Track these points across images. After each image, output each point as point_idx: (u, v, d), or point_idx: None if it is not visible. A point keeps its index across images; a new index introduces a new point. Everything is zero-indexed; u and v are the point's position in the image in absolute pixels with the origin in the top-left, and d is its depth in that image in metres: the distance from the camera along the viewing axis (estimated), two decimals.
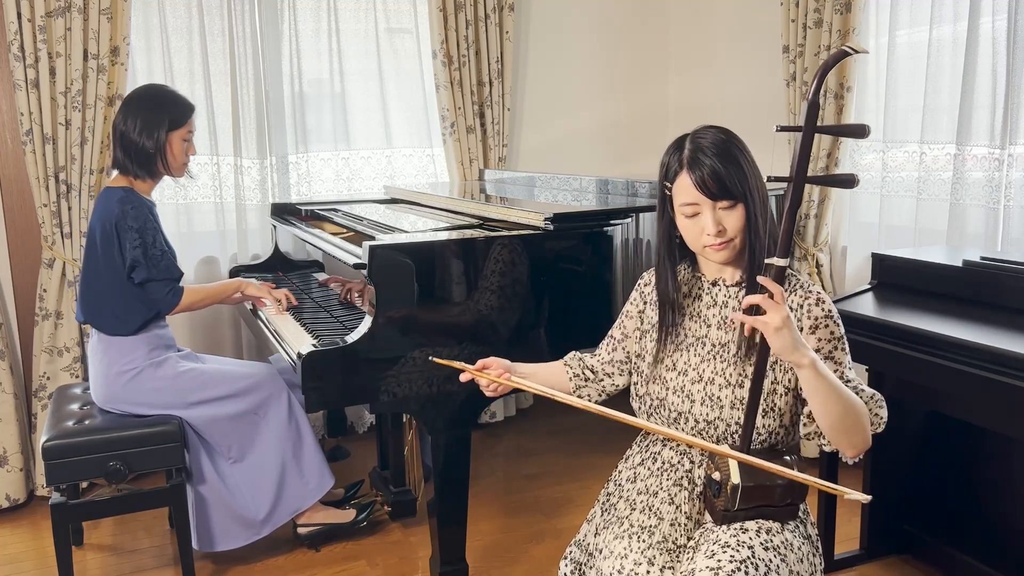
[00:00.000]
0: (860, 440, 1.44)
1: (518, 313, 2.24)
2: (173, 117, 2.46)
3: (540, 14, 3.87)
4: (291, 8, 3.41)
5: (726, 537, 1.41)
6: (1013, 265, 2.10)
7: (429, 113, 3.68)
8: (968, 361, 1.90)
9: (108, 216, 2.41)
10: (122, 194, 2.42)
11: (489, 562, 2.61)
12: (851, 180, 1.34)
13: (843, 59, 1.31)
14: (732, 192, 1.45)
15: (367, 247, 2.09)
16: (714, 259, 1.52)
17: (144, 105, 2.44)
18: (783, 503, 1.44)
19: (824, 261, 3.16)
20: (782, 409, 1.50)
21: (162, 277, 2.44)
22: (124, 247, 2.40)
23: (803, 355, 1.33)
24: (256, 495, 2.53)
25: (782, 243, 1.35)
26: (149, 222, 2.42)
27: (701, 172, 1.46)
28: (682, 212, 1.51)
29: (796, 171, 1.32)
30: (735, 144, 1.49)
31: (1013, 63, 2.50)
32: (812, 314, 1.48)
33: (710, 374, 1.52)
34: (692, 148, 1.49)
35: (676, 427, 1.55)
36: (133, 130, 2.42)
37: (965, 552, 2.34)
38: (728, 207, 1.47)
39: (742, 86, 3.68)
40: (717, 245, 1.48)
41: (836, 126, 1.42)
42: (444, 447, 2.21)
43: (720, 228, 1.47)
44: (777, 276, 1.35)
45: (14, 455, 3.02)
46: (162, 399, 2.46)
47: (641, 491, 1.57)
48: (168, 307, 2.47)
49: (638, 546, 1.46)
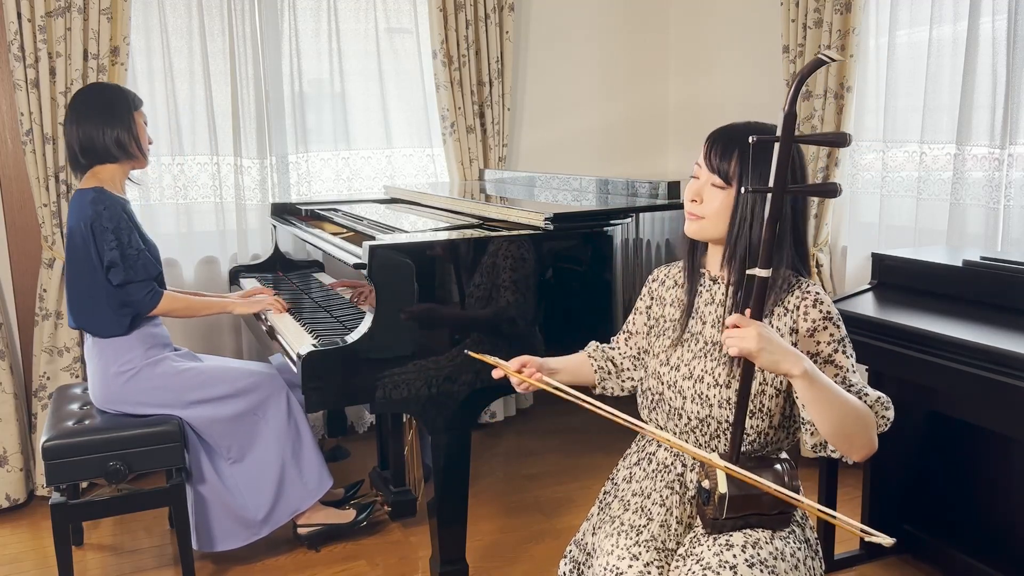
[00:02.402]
0: (864, 444, 1.40)
1: (518, 313, 2.24)
2: (129, 100, 2.47)
3: (540, 14, 3.87)
4: (291, 8, 3.41)
5: (709, 556, 1.38)
6: (1013, 265, 2.10)
7: (429, 113, 3.68)
8: (968, 361, 1.90)
9: (83, 218, 2.38)
10: (93, 195, 2.40)
11: (489, 562, 2.61)
12: (833, 190, 1.28)
13: (819, 68, 1.28)
14: (725, 173, 1.45)
15: (367, 247, 2.09)
16: (686, 230, 1.53)
17: (97, 104, 2.43)
18: (773, 512, 1.41)
19: (824, 261, 3.16)
20: (772, 410, 1.47)
21: (139, 278, 2.41)
22: (101, 248, 2.38)
23: (792, 365, 1.28)
24: (256, 495, 2.53)
25: (763, 253, 1.30)
26: (123, 221, 2.40)
27: (719, 139, 1.46)
28: (691, 173, 1.52)
29: (775, 182, 1.28)
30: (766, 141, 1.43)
31: (1013, 63, 2.50)
32: (809, 316, 1.44)
33: (700, 372, 1.51)
34: (738, 123, 1.49)
35: (673, 422, 1.54)
36: (98, 129, 2.40)
37: (965, 552, 2.34)
38: (718, 186, 1.46)
39: (742, 86, 3.68)
40: (690, 214, 1.50)
41: (815, 135, 1.39)
42: (444, 447, 2.21)
43: (697, 197, 1.48)
44: (759, 287, 1.31)
45: (14, 455, 3.02)
46: (161, 399, 2.46)
47: (636, 492, 1.57)
48: (147, 309, 2.46)
49: (625, 542, 1.47)
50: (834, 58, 1.25)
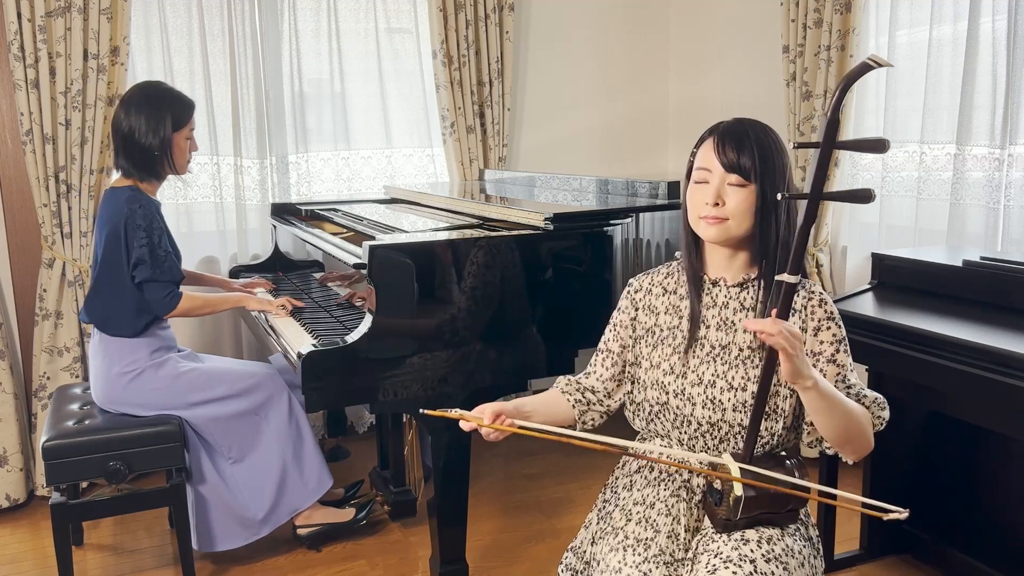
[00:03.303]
0: (862, 446, 1.44)
1: (518, 312, 2.24)
2: (176, 116, 2.44)
3: (540, 14, 3.87)
4: (291, 8, 3.41)
5: (727, 550, 1.38)
6: (1013, 265, 2.10)
7: (429, 113, 3.68)
8: (968, 361, 1.89)
9: (117, 216, 2.39)
10: (130, 193, 2.42)
11: (489, 562, 2.61)
12: (868, 195, 1.28)
13: (865, 72, 1.26)
14: (746, 170, 1.41)
15: (367, 247, 2.09)
16: (705, 235, 1.46)
17: (146, 105, 2.42)
18: (783, 510, 1.43)
19: (824, 261, 3.16)
20: (786, 411, 1.46)
21: (163, 279, 2.42)
22: (131, 245, 2.39)
23: (807, 378, 1.31)
24: (256, 495, 2.53)
25: (794, 259, 1.29)
26: (156, 222, 2.42)
27: (725, 139, 1.42)
28: (694, 179, 1.46)
29: (812, 188, 1.28)
30: (774, 139, 1.45)
31: (1013, 63, 2.50)
32: (815, 315, 1.46)
33: (710, 376, 1.48)
34: (730, 121, 1.47)
35: (679, 431, 1.52)
36: (138, 132, 2.40)
37: (965, 552, 2.34)
38: (737, 184, 1.41)
39: (742, 86, 3.68)
40: (711, 218, 1.42)
41: (855, 141, 1.37)
42: (444, 447, 2.20)
43: (719, 200, 1.42)
44: (787, 293, 1.31)
45: (14, 455, 3.02)
46: (163, 400, 2.46)
47: (637, 501, 1.53)
48: (164, 310, 2.46)
49: (633, 559, 1.43)
50: (881, 63, 1.23)
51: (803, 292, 1.48)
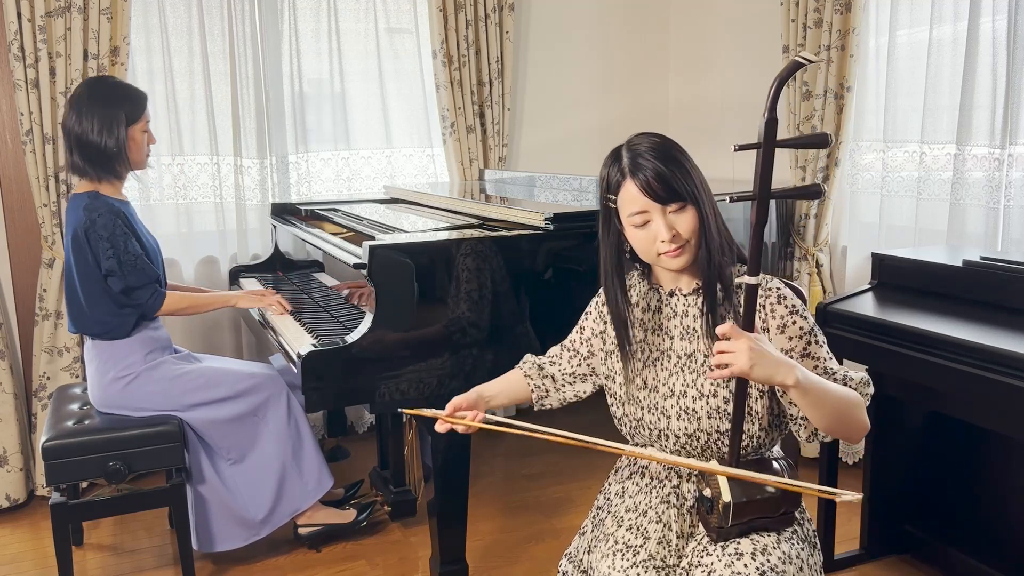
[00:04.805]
0: (859, 428, 1.42)
1: (518, 312, 2.24)
2: (129, 111, 2.39)
3: (540, 14, 3.87)
4: (291, 8, 3.41)
5: (720, 568, 1.37)
6: (1013, 265, 2.10)
7: (429, 113, 3.68)
8: (968, 361, 1.89)
9: (78, 224, 2.36)
10: (87, 201, 2.37)
11: (489, 562, 2.61)
12: (817, 191, 1.28)
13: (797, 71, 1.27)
14: (680, 193, 1.40)
15: (367, 247, 2.09)
16: (670, 266, 1.45)
17: (98, 104, 2.36)
18: (777, 513, 1.42)
19: (824, 261, 3.16)
20: (760, 412, 1.45)
21: (139, 283, 2.39)
22: (98, 256, 2.36)
23: (786, 376, 1.29)
24: (256, 496, 2.53)
25: (751, 261, 1.30)
26: (119, 228, 2.36)
27: (645, 176, 1.39)
28: (631, 223, 1.44)
29: (759, 188, 1.27)
30: (674, 146, 1.44)
31: (1013, 63, 2.50)
32: (776, 313, 1.44)
33: (681, 387, 1.48)
34: (631, 155, 1.42)
35: (658, 445, 1.52)
36: (91, 131, 2.34)
37: (965, 552, 2.34)
38: (678, 210, 1.41)
39: (742, 86, 3.68)
40: (673, 251, 1.42)
41: (796, 139, 1.38)
42: (444, 447, 2.20)
43: (674, 232, 1.41)
44: (749, 295, 1.32)
45: (14, 455, 3.02)
46: (159, 403, 2.46)
47: (629, 508, 1.53)
48: (151, 311, 2.45)
49: (622, 564, 1.43)
50: (811, 60, 1.24)
51: (760, 291, 1.45)
